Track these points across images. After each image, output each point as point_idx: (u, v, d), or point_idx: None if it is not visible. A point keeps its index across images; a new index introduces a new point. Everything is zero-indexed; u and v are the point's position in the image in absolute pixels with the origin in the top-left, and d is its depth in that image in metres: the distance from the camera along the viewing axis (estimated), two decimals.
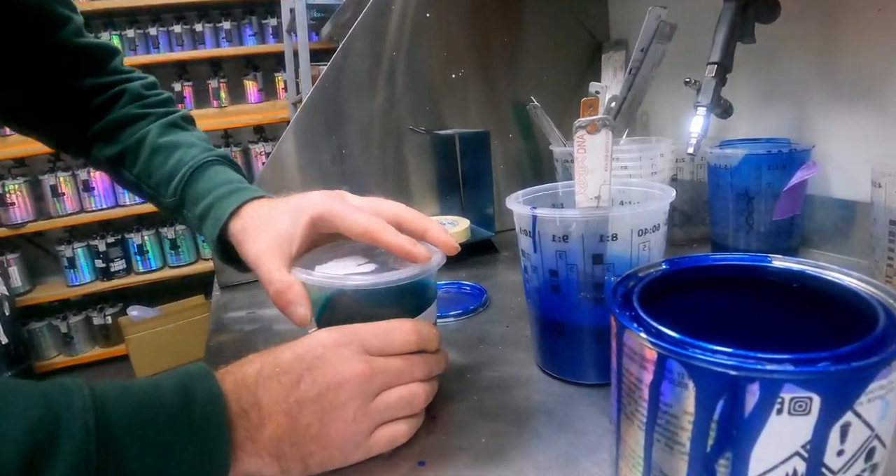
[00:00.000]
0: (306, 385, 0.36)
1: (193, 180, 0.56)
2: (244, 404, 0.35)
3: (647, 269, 0.32)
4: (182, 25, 2.82)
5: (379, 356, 0.39)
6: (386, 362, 0.39)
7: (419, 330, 0.41)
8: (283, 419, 0.35)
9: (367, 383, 0.37)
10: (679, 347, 0.23)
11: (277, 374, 0.36)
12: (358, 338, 0.39)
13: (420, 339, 0.41)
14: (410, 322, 0.41)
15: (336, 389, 0.36)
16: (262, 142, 2.93)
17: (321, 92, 0.83)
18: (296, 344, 0.39)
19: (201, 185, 0.55)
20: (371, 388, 0.37)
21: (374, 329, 0.40)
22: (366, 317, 0.43)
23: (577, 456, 0.38)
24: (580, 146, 0.42)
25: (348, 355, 0.37)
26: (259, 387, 0.36)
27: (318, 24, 2.13)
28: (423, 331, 0.42)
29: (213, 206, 0.52)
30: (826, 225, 0.71)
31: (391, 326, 0.40)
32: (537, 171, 0.99)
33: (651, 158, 0.69)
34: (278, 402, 0.35)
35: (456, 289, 0.72)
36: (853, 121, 0.68)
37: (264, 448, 0.35)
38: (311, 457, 0.36)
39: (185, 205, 0.56)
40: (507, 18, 0.94)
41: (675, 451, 0.25)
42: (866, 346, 0.22)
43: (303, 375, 0.36)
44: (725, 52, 0.62)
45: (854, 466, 0.22)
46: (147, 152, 0.59)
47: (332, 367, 0.37)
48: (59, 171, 2.57)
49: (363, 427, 0.37)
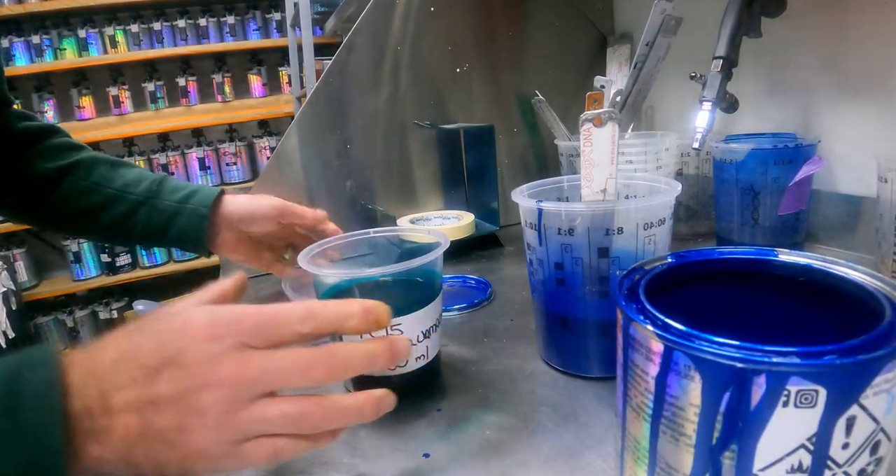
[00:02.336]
0: (165, 383, 0.30)
1: (166, 180, 0.65)
2: (89, 400, 0.29)
3: (652, 263, 0.32)
4: (186, 20, 2.81)
5: (263, 350, 0.32)
6: (267, 360, 0.31)
7: (313, 311, 0.32)
8: (135, 421, 0.29)
9: (237, 388, 0.30)
10: (685, 340, 0.23)
11: (133, 366, 0.30)
12: (237, 327, 0.31)
13: (317, 325, 0.32)
14: (304, 303, 0.33)
15: (198, 392, 0.30)
16: (267, 136, 2.93)
17: (325, 86, 0.83)
18: (162, 327, 0.32)
19: (175, 182, 0.65)
20: (244, 394, 0.30)
21: (260, 316, 0.32)
22: None
23: (582, 449, 0.38)
24: (586, 139, 0.42)
25: (219, 351, 0.30)
26: (110, 380, 0.30)
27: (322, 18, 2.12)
28: (323, 311, 0.33)
29: (200, 190, 0.64)
30: (832, 220, 0.71)
31: (277, 311, 0.32)
32: (542, 166, 0.99)
33: (656, 153, 0.69)
34: (130, 401, 0.29)
35: (461, 282, 0.72)
36: (859, 116, 0.68)
37: (113, 452, 0.30)
38: (169, 466, 0.30)
39: (160, 195, 0.63)
40: (512, 12, 0.94)
41: (680, 444, 0.25)
42: (872, 340, 0.22)
43: (162, 371, 0.30)
44: (731, 46, 0.62)
45: (859, 459, 0.23)
46: (106, 164, 0.66)
47: (197, 365, 0.30)
48: None
49: (227, 437, 0.30)
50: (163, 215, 0.63)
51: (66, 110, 2.76)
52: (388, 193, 0.90)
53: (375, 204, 0.88)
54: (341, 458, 0.39)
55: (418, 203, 0.93)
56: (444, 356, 0.52)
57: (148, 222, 0.63)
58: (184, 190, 0.64)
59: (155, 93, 2.84)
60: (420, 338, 0.45)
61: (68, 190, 0.63)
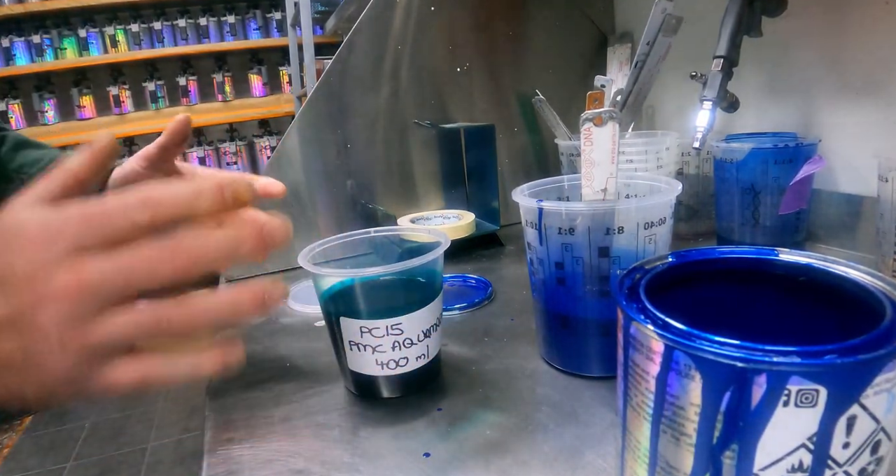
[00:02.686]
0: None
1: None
2: None
3: (653, 262, 0.32)
4: (186, 19, 2.82)
5: (103, 250, 0.27)
6: (103, 262, 0.27)
7: (151, 195, 0.28)
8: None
9: (75, 300, 0.26)
10: (686, 339, 0.23)
11: None
12: (67, 228, 0.27)
13: (158, 211, 0.27)
14: (139, 189, 0.28)
15: (34, 310, 0.26)
16: (267, 136, 2.93)
17: (326, 86, 0.83)
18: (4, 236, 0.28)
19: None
20: (85, 306, 0.27)
21: (88, 210, 0.27)
22: (372, 310, 0.44)
23: (582, 448, 0.38)
24: (587, 139, 0.42)
25: (51, 259, 0.26)
26: None
27: (322, 17, 2.13)
28: (165, 193, 0.28)
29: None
30: (832, 220, 0.71)
31: (107, 201, 0.28)
32: (542, 165, 0.99)
33: (656, 152, 0.69)
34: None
35: (461, 282, 0.72)
36: (860, 115, 0.68)
37: None
38: (27, 393, 0.28)
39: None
40: (512, 11, 0.94)
41: (681, 443, 0.25)
42: (873, 339, 0.22)
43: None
44: (732, 45, 0.62)
45: (860, 459, 0.22)
46: (14, 143, 0.60)
47: (28, 280, 0.26)
48: None
49: (78, 358, 0.27)
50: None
51: (67, 110, 2.77)
52: (389, 193, 0.90)
53: (376, 203, 0.88)
54: (341, 458, 0.39)
55: (419, 202, 0.93)
56: (444, 355, 0.52)
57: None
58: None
59: (155, 92, 2.84)
60: (420, 337, 0.45)
61: None
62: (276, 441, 0.42)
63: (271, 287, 0.30)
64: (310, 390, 0.49)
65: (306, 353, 0.56)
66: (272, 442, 0.42)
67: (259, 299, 0.29)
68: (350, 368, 0.46)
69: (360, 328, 0.43)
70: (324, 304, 0.46)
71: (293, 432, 0.43)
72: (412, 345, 0.44)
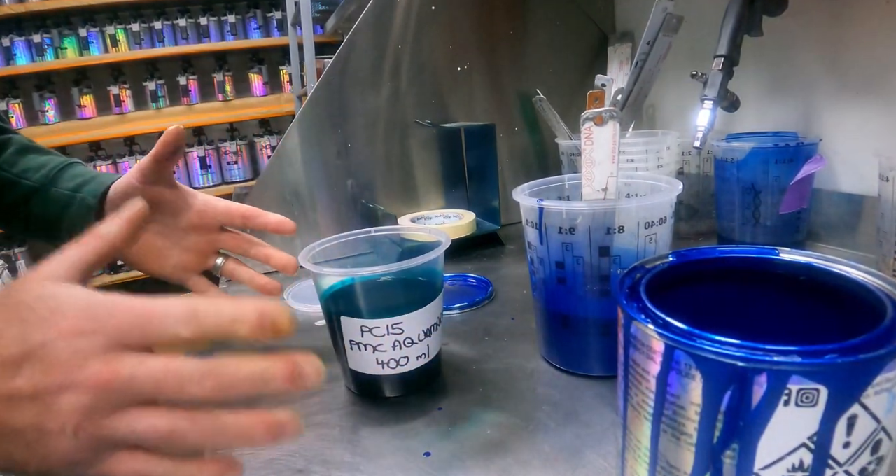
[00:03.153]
0: (24, 379, 0.27)
1: (69, 167, 0.59)
2: None
3: (654, 262, 0.32)
4: (187, 19, 2.82)
5: (138, 353, 0.28)
6: (138, 366, 0.27)
7: (197, 312, 0.28)
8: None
9: (101, 394, 0.27)
10: (686, 338, 0.23)
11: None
12: (110, 322, 0.28)
13: (201, 328, 0.28)
14: (189, 301, 0.28)
15: (58, 393, 0.27)
16: (268, 135, 2.93)
17: (326, 85, 0.83)
18: (28, 314, 0.28)
19: (77, 170, 0.59)
20: (108, 401, 0.27)
21: (136, 311, 0.28)
22: (372, 309, 0.44)
23: (583, 448, 0.38)
24: (587, 138, 0.42)
25: (86, 349, 0.27)
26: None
27: (322, 17, 2.13)
28: (209, 311, 0.28)
29: (96, 178, 0.57)
30: (833, 219, 0.71)
31: (155, 308, 0.28)
32: (543, 165, 0.99)
33: (657, 152, 0.69)
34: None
35: (462, 281, 0.72)
36: (861, 114, 0.68)
37: None
38: (28, 465, 0.28)
39: (56, 182, 0.57)
40: (513, 11, 0.94)
41: (681, 443, 0.25)
42: (873, 339, 0.22)
43: (22, 365, 0.27)
44: (732, 44, 0.62)
45: (860, 459, 0.22)
46: (18, 147, 0.60)
47: (60, 363, 0.27)
48: None
49: (86, 445, 0.28)
50: (56, 205, 0.56)
51: (67, 109, 2.77)
52: (389, 192, 0.90)
53: (376, 203, 0.88)
54: (342, 457, 0.40)
55: (419, 202, 0.93)
56: (444, 355, 0.52)
57: (42, 212, 0.57)
58: (80, 177, 0.57)
59: (156, 92, 2.84)
60: (421, 336, 0.45)
61: None
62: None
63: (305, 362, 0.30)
64: (310, 390, 0.49)
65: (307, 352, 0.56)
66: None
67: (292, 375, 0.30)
68: (351, 368, 0.46)
69: (361, 327, 0.43)
70: (324, 303, 0.46)
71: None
72: (413, 344, 0.44)
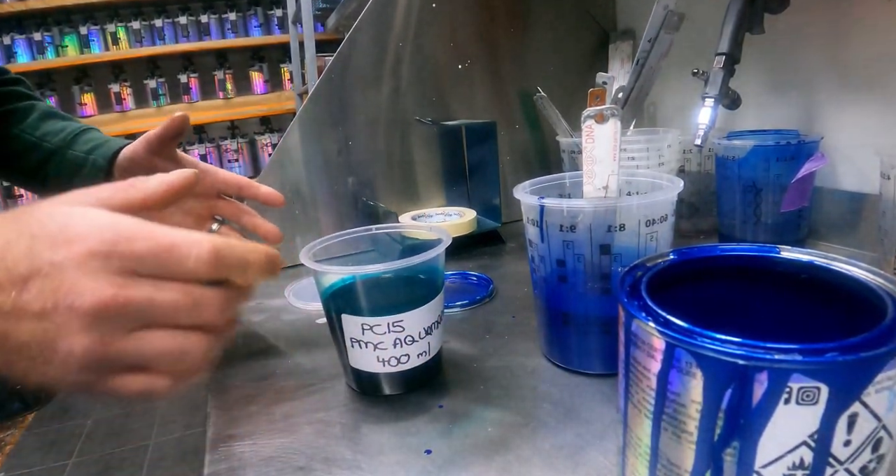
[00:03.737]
0: (31, 294, 0.26)
1: (85, 132, 0.63)
2: None
3: (655, 260, 0.32)
4: (187, 17, 2.82)
5: (151, 279, 0.28)
6: (154, 292, 0.28)
7: (220, 256, 0.29)
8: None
9: (113, 316, 0.27)
10: (687, 336, 0.23)
11: (5, 263, 0.27)
12: (128, 248, 0.27)
13: (219, 265, 0.29)
14: (211, 240, 0.29)
15: (67, 313, 0.26)
16: (269, 133, 2.93)
17: (327, 83, 0.83)
18: (39, 230, 0.28)
19: (92, 134, 0.63)
20: (119, 323, 0.28)
21: (158, 242, 0.28)
22: (373, 307, 0.44)
23: (584, 445, 0.38)
24: (588, 136, 0.42)
25: (98, 270, 0.27)
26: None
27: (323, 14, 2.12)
28: (230, 257, 0.29)
29: (108, 142, 0.61)
30: (834, 217, 0.71)
31: (178, 244, 0.28)
32: (544, 162, 0.99)
33: (658, 149, 0.69)
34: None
35: (462, 279, 0.72)
36: (862, 112, 0.68)
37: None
38: (30, 376, 0.28)
39: (73, 145, 0.61)
40: (514, 8, 0.93)
41: (682, 440, 0.25)
42: (874, 337, 0.22)
43: (29, 281, 0.26)
44: (734, 42, 0.62)
45: (861, 457, 0.22)
46: (41, 113, 0.65)
47: (70, 282, 0.26)
48: None
49: (94, 366, 0.28)
50: (70, 166, 0.61)
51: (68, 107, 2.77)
52: (390, 190, 0.90)
53: (377, 200, 0.88)
54: (343, 454, 0.40)
55: (420, 199, 0.93)
56: (445, 353, 0.52)
57: (58, 173, 0.61)
58: (94, 141, 0.61)
59: (156, 90, 2.84)
60: (422, 334, 0.45)
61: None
62: (278, 438, 0.42)
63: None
64: (311, 387, 0.49)
65: (308, 350, 0.57)
66: (274, 439, 0.42)
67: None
68: (351, 365, 0.46)
69: (362, 325, 0.43)
70: (325, 301, 0.46)
71: (295, 429, 0.43)
72: (413, 342, 0.44)
